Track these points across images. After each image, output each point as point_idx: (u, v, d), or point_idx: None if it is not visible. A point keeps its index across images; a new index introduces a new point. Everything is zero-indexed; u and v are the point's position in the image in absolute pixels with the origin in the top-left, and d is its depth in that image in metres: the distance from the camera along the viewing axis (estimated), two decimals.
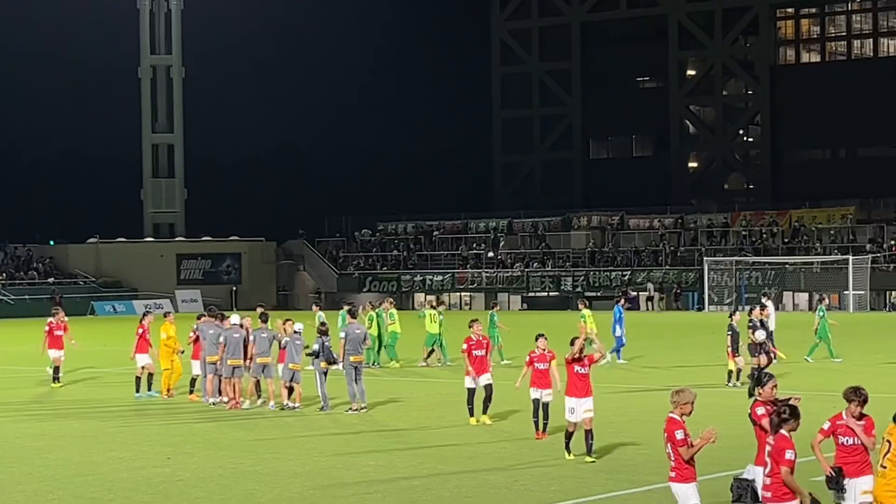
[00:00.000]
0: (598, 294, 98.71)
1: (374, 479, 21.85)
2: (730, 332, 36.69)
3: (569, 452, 23.48)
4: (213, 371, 33.28)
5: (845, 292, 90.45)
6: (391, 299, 49.50)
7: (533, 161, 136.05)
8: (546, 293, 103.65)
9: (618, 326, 44.98)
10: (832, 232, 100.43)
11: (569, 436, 23.49)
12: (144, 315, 38.12)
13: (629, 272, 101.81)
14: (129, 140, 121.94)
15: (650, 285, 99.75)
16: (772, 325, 41.67)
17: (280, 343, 32.74)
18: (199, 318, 36.05)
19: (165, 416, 31.87)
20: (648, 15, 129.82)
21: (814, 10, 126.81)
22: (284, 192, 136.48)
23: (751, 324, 37.17)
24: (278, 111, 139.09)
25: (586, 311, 44.15)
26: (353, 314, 33.86)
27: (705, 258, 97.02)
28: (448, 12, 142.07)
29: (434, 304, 47.25)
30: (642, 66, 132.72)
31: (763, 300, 45.62)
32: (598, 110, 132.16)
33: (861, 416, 15.38)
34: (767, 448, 14.59)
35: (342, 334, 31.94)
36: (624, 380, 38.94)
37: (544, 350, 26.44)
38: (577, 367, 23.56)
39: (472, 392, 28.81)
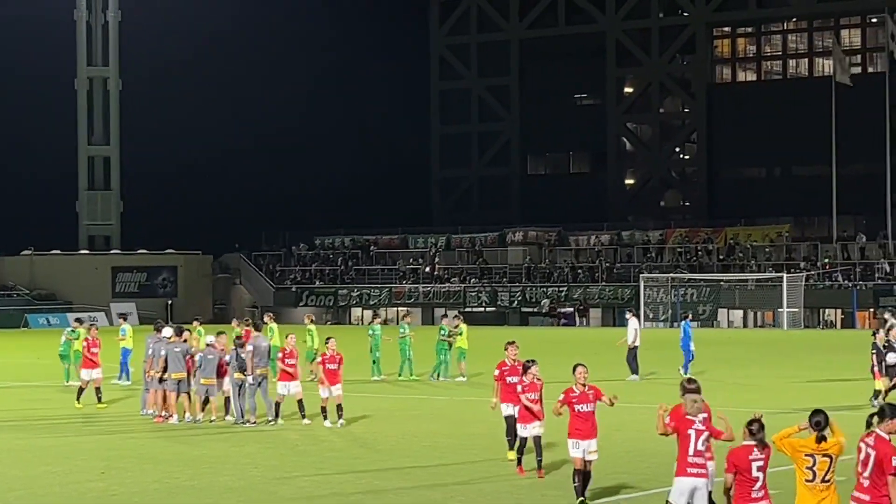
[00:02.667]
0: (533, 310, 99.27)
1: (310, 494, 21.84)
2: (874, 351, 36.45)
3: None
4: (157, 386, 33.11)
5: (779, 310, 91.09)
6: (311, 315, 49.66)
7: (471, 176, 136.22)
8: (483, 308, 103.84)
9: (689, 341, 45.48)
10: (767, 250, 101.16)
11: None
12: (90, 328, 38.04)
13: (566, 288, 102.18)
14: (64, 152, 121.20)
15: (546, 301, 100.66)
16: None
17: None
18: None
19: (100, 430, 31.70)
20: (587, 32, 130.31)
21: (750, 30, 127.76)
22: (221, 206, 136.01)
23: (886, 345, 36.57)
24: (216, 124, 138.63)
25: None
26: (257, 327, 33.89)
27: (641, 275, 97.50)
28: (387, 28, 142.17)
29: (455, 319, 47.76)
30: (580, 83, 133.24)
31: (887, 316, 45.10)
32: (536, 126, 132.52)
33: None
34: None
35: (249, 347, 32.03)
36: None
37: (515, 361, 24.65)
38: (578, 406, 20.61)
39: (511, 421, 24.42)
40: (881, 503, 14.37)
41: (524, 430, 23.10)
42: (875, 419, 14.83)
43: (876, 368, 36.17)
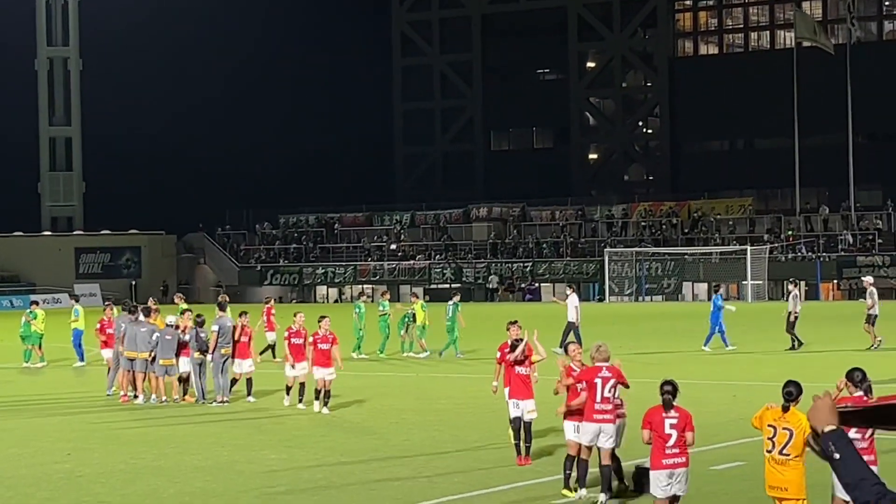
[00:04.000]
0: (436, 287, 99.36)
1: (276, 469, 21.81)
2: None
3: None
4: (129, 366, 32.99)
5: (744, 282, 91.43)
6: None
7: (434, 153, 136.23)
8: (448, 285, 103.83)
9: (720, 315, 45.46)
10: (730, 223, 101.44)
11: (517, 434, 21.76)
12: (105, 307, 36.61)
13: (531, 263, 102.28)
14: (25, 133, 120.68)
15: (493, 278, 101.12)
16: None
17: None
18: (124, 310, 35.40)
19: (65, 411, 31.59)
20: (548, 7, 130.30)
21: (711, 3, 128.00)
22: (184, 185, 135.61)
23: None
24: (178, 103, 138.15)
25: None
26: (222, 307, 33.74)
27: (605, 249, 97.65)
28: (349, 4, 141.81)
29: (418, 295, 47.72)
30: (542, 59, 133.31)
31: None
32: (499, 102, 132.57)
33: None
34: None
35: (215, 327, 31.97)
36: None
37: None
38: (518, 369, 21.65)
39: (518, 422, 22.12)
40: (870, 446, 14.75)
41: (516, 409, 21.74)
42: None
43: None
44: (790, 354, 42.70)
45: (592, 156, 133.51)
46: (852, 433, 15.46)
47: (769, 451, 14.75)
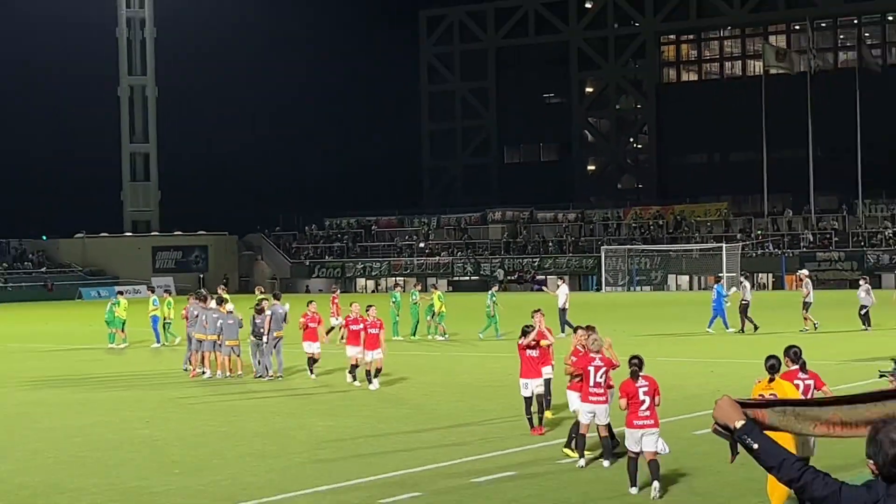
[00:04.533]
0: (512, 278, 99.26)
1: (323, 437, 21.81)
2: None
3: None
4: (198, 347, 33.04)
5: (720, 274, 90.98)
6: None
7: (456, 166, 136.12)
8: (468, 277, 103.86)
9: (723, 302, 45.61)
10: (708, 224, 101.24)
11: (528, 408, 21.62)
12: (309, 303, 33.51)
13: (538, 258, 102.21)
14: (110, 149, 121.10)
15: (500, 270, 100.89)
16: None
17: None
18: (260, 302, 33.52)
19: (144, 385, 31.68)
20: (553, 41, 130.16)
21: (692, 37, 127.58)
22: (245, 193, 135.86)
23: None
24: (239, 124, 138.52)
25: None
26: (277, 297, 33.74)
27: (602, 247, 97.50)
28: (383, 39, 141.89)
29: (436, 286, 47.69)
30: (548, 85, 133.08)
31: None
32: (512, 122, 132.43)
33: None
34: None
35: (268, 313, 31.96)
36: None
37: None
38: (529, 351, 21.47)
39: (529, 400, 21.77)
40: None
41: (526, 389, 21.36)
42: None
43: None
44: (758, 336, 42.55)
45: (591, 167, 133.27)
46: (641, 382, 16.02)
47: None
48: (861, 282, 47.22)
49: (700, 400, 24.37)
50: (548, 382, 22.24)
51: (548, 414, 22.47)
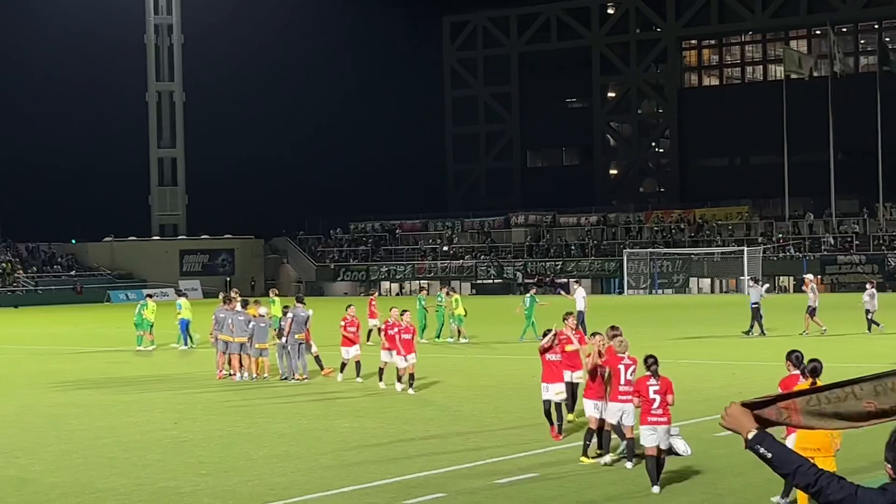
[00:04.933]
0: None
1: (349, 438, 21.86)
2: None
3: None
4: (224, 349, 33.06)
5: (741, 278, 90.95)
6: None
7: (479, 169, 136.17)
8: (491, 280, 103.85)
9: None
10: (730, 227, 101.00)
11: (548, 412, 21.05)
12: (348, 307, 32.70)
13: (560, 262, 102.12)
14: (138, 154, 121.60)
15: (519, 274, 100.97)
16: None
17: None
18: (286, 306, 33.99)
19: (172, 386, 31.78)
20: (575, 46, 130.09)
21: (713, 42, 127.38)
22: (271, 197, 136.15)
23: None
24: (265, 128, 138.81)
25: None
26: (299, 300, 33.69)
27: (624, 250, 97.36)
28: (407, 45, 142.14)
29: (449, 291, 47.41)
30: (570, 89, 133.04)
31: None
32: (534, 126, 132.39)
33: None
34: None
35: (289, 316, 31.96)
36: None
37: (574, 331, 21.96)
38: (549, 356, 20.95)
39: (548, 403, 21.11)
40: None
41: (546, 392, 20.84)
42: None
43: None
44: (780, 338, 42.40)
45: (613, 171, 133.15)
46: (652, 381, 16.36)
47: None
48: (867, 286, 47.07)
49: (722, 402, 24.23)
50: (574, 387, 22.00)
51: (570, 416, 22.25)
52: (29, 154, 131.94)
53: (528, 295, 46.43)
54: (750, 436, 5.45)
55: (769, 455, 5.36)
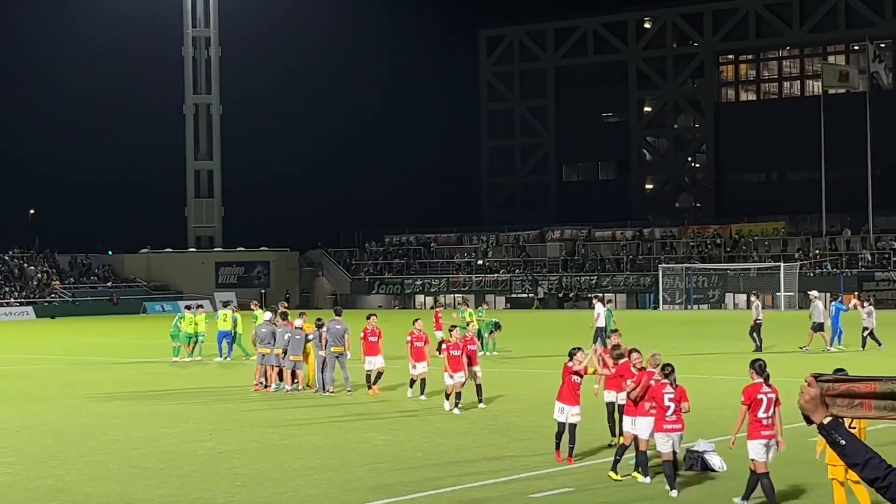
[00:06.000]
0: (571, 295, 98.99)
1: (383, 451, 21.90)
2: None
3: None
4: (261, 360, 33.14)
5: (777, 294, 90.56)
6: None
7: (515, 183, 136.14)
8: (526, 294, 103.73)
9: (839, 319, 45.39)
10: (766, 243, 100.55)
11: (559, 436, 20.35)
12: (369, 317, 32.82)
13: (595, 277, 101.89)
14: (175, 166, 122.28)
15: (540, 289, 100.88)
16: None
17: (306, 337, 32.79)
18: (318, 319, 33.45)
19: (208, 398, 31.89)
20: (612, 60, 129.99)
21: (751, 57, 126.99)
22: (306, 209, 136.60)
23: None
24: (300, 142, 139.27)
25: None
26: (337, 313, 33.72)
27: (660, 265, 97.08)
28: (444, 58, 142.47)
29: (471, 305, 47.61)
30: (606, 103, 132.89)
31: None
32: (570, 140, 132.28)
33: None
34: None
35: (325, 329, 31.98)
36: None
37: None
38: (574, 377, 20.12)
39: (562, 426, 20.38)
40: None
41: (561, 415, 20.09)
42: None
43: None
44: (815, 354, 42.19)
45: (649, 186, 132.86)
46: (668, 389, 16.85)
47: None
48: (865, 303, 46.87)
49: None
50: (618, 408, 20.89)
51: (611, 439, 21.48)
52: (67, 166, 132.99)
53: (604, 308, 46.11)
54: (826, 421, 5.45)
55: (843, 442, 5.36)
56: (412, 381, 30.54)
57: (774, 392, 16.30)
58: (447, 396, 27.76)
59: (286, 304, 46.96)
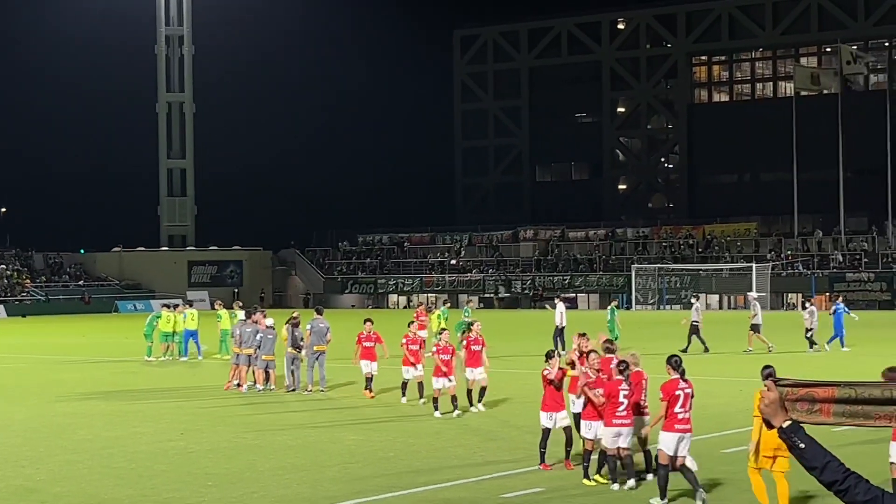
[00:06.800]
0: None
1: (354, 451, 21.85)
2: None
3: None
4: (247, 362, 32.98)
5: (749, 294, 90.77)
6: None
7: (488, 183, 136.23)
8: (499, 294, 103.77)
9: (842, 322, 45.24)
10: (738, 244, 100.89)
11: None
12: (410, 323, 31.51)
13: (568, 277, 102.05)
14: (148, 164, 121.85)
15: (501, 288, 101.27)
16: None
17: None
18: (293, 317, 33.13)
19: (179, 397, 31.79)
20: (585, 61, 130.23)
21: (723, 58, 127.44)
22: (279, 209, 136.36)
23: None
24: (274, 141, 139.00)
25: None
26: (319, 312, 33.67)
27: (632, 265, 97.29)
28: (417, 58, 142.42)
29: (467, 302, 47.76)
30: (580, 104, 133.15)
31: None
32: (543, 141, 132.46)
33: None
34: None
35: (308, 327, 31.92)
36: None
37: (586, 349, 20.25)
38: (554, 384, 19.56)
39: (548, 432, 19.73)
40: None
41: (549, 421, 19.40)
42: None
43: None
44: (786, 355, 42.34)
45: (622, 186, 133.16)
46: (623, 386, 17.12)
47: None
48: (807, 304, 47.12)
49: (729, 418, 24.32)
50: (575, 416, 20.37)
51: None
52: (39, 164, 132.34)
53: (609, 307, 47.08)
54: (786, 425, 5.46)
55: (802, 446, 5.37)
56: (404, 385, 29.51)
57: (690, 387, 16.88)
58: (434, 401, 27.07)
59: (240, 304, 47.19)
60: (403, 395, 29.30)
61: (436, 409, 26.67)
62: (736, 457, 20.50)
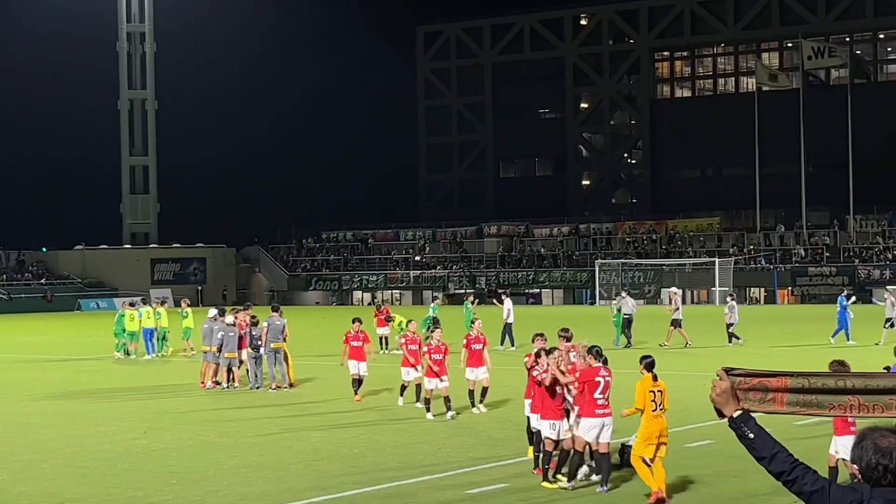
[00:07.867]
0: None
1: (319, 448, 21.83)
2: None
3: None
4: (213, 359, 32.93)
5: (713, 289, 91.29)
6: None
7: (452, 179, 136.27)
8: (463, 290, 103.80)
9: (846, 314, 44.88)
10: (701, 238, 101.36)
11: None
12: (409, 322, 29.79)
13: (532, 272, 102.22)
14: (110, 162, 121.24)
15: (451, 285, 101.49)
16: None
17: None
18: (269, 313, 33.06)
19: (142, 395, 31.68)
20: (548, 57, 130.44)
21: (685, 54, 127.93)
22: (242, 206, 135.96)
23: None
24: (237, 138, 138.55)
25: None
26: (275, 309, 33.66)
27: (596, 260, 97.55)
28: (380, 54, 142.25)
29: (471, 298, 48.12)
30: (543, 100, 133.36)
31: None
32: (507, 137, 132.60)
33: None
34: None
35: (265, 325, 31.89)
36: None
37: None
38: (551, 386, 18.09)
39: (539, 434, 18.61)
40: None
41: (552, 431, 17.86)
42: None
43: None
44: (752, 349, 42.56)
45: (585, 182, 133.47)
46: (602, 373, 17.04)
47: (653, 410, 16.45)
48: (728, 298, 47.52)
49: (693, 413, 24.42)
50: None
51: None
52: None
53: (613, 302, 47.28)
54: (735, 414, 5.50)
55: (751, 436, 5.40)
56: (403, 388, 28.59)
57: (611, 375, 17.24)
58: (427, 402, 26.35)
59: (188, 301, 47.30)
60: (401, 395, 28.50)
61: (428, 410, 26.07)
62: (699, 451, 20.63)
